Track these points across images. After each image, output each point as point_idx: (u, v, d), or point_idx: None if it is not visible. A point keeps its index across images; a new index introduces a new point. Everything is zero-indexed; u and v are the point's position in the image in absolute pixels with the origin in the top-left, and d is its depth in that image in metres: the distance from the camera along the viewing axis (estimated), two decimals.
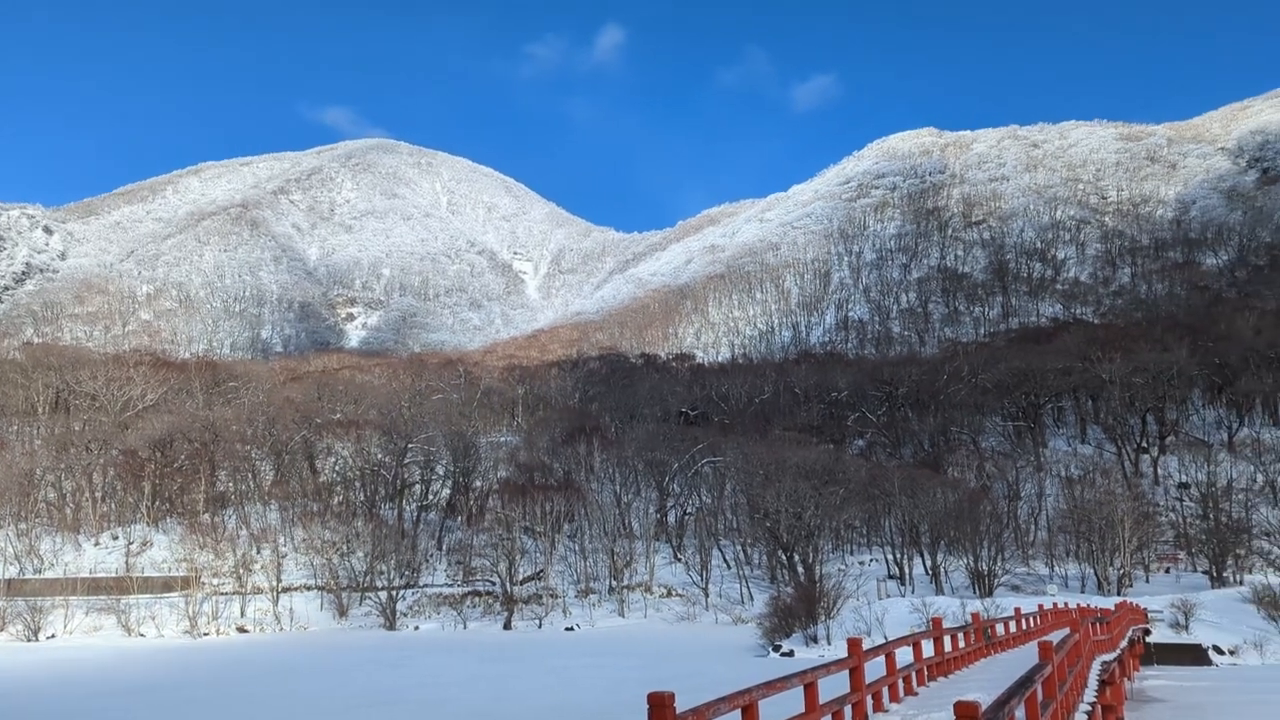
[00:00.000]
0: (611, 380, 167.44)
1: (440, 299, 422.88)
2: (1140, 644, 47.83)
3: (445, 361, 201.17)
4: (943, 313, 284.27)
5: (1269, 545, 75.43)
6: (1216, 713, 33.73)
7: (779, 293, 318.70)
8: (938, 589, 77.76)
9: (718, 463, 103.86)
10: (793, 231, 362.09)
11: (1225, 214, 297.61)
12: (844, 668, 15.29)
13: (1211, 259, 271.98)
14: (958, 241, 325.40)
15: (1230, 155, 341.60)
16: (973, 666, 25.87)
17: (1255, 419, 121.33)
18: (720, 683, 13.57)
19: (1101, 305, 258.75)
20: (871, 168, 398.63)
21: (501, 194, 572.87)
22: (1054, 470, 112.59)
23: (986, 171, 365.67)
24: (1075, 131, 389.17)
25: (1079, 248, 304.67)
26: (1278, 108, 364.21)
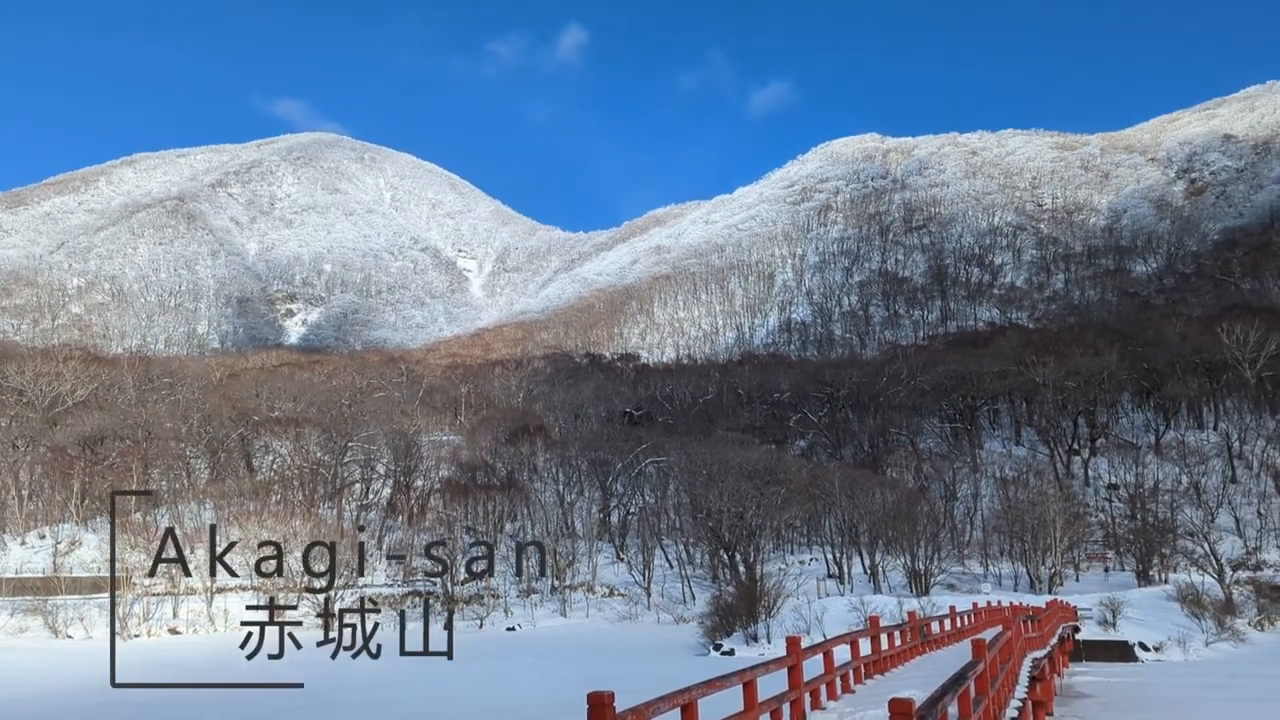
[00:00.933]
0: (556, 380, 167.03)
1: (383, 296, 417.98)
2: (1070, 641, 49.08)
3: (387, 359, 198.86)
4: (883, 315, 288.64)
5: (1192, 545, 77.91)
6: (1141, 707, 34.80)
7: (724, 294, 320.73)
8: (876, 588, 78.99)
9: (661, 463, 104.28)
10: (738, 233, 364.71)
11: (1155, 223, 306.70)
12: (782, 666, 15.52)
13: (1141, 266, 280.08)
14: (899, 246, 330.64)
15: (1160, 166, 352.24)
16: (909, 664, 26.40)
17: (1181, 422, 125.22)
18: (661, 682, 13.68)
19: (1036, 310, 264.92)
20: (815, 171, 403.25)
21: (446, 191, 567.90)
22: (989, 471, 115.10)
23: (928, 177, 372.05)
24: (1013, 140, 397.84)
25: (1015, 253, 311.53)
26: (1205, 120, 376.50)
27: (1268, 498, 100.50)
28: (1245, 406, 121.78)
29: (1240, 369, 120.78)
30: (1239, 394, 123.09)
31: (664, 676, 39.06)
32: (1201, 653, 56.77)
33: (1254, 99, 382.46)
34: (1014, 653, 23.08)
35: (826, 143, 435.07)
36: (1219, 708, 34.64)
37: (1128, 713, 33.05)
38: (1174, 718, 32.77)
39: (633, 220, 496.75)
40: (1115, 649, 55.84)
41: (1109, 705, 35.03)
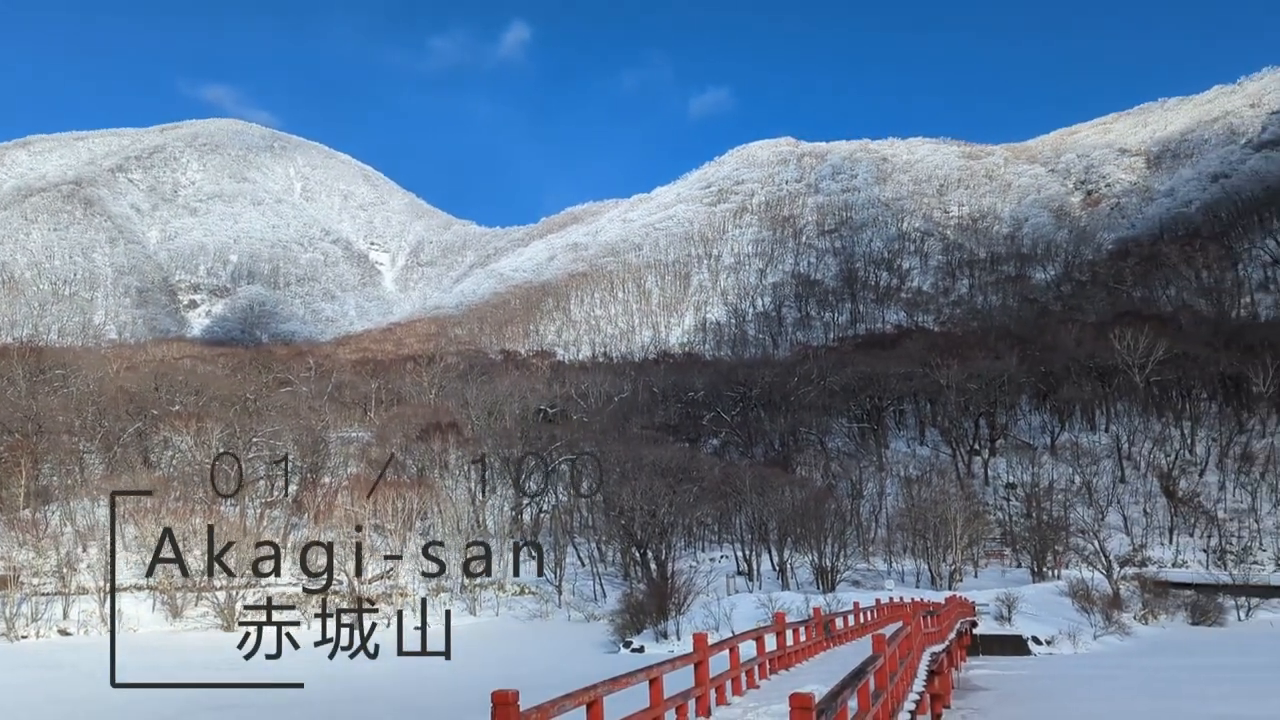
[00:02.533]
0: (470, 376, 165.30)
1: (291, 288, 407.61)
2: (968, 635, 50.69)
3: (295, 353, 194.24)
4: (795, 317, 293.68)
5: (1083, 542, 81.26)
6: (1032, 699, 36.17)
7: (640, 293, 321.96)
8: (784, 584, 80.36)
9: (575, 460, 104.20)
10: (655, 233, 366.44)
11: (1053, 232, 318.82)
12: (689, 662, 15.71)
13: (1040, 274, 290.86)
14: (811, 249, 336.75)
15: (1059, 177, 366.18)
16: (813, 659, 26.97)
17: (1075, 424, 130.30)
18: (571, 679, 13.74)
19: (941, 314, 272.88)
20: (731, 173, 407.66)
21: (359, 182, 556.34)
22: (894, 470, 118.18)
23: (840, 183, 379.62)
24: (922, 148, 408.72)
25: (923, 259, 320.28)
26: (1101, 134, 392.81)
27: (1153, 497, 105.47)
28: (1134, 410, 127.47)
29: (1130, 374, 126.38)
30: (1129, 398, 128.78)
31: (573, 674, 39.09)
32: (1090, 645, 59.25)
33: (1147, 114, 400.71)
34: (913, 648, 23.77)
35: (742, 146, 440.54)
36: (1103, 697, 36.23)
37: (1020, 704, 34.30)
38: (1061, 708, 34.14)
39: (551, 217, 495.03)
40: (1010, 643, 57.86)
41: (1003, 697, 36.31)
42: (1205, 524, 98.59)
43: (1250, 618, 72.36)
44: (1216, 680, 39.52)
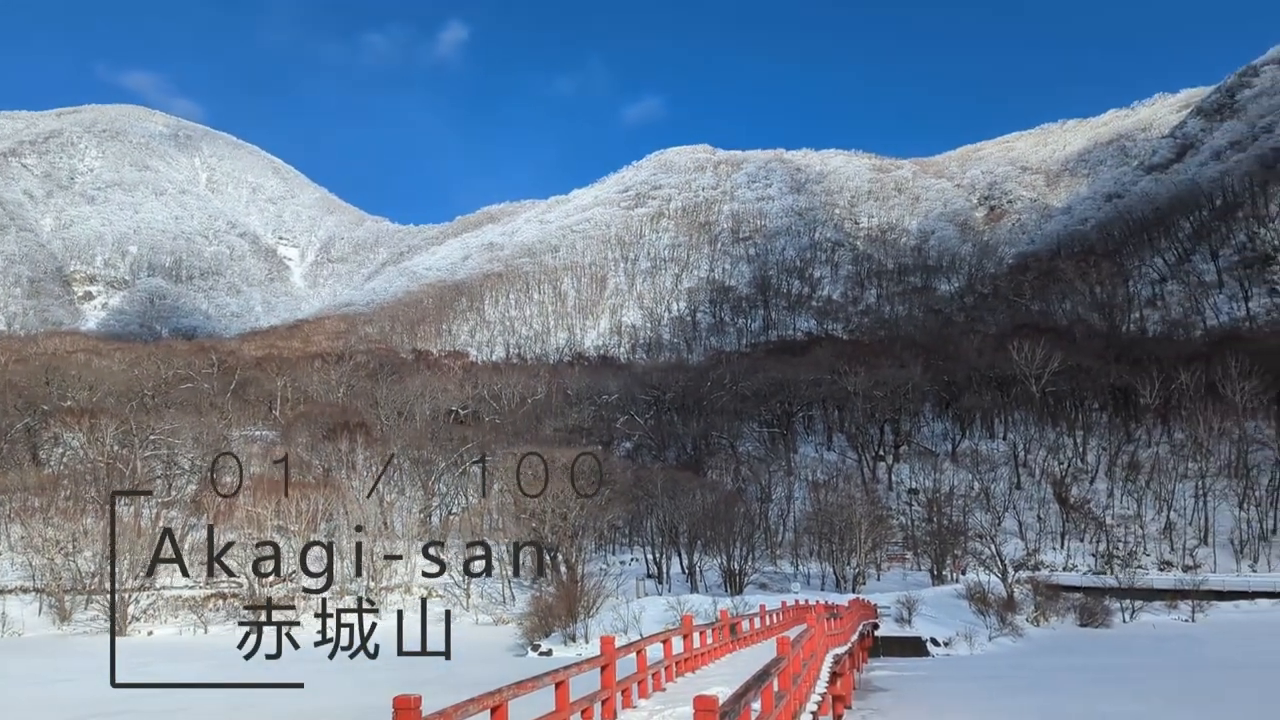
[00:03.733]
0: (380, 375, 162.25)
1: (194, 282, 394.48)
2: (869, 637, 51.91)
3: (197, 349, 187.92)
4: (710, 322, 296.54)
5: (981, 546, 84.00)
6: (930, 699, 37.28)
7: (556, 295, 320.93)
8: (693, 587, 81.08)
9: (487, 462, 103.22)
10: (572, 235, 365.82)
11: (958, 245, 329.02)
12: (596, 665, 15.77)
13: (945, 285, 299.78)
14: (726, 255, 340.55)
15: (965, 192, 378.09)
16: (719, 661, 27.27)
17: (975, 432, 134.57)
18: (476, 683, 13.69)
19: (850, 323, 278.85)
20: (649, 178, 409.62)
21: (268, 175, 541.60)
22: (802, 475, 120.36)
23: (755, 191, 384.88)
24: (835, 159, 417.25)
25: (833, 268, 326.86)
26: (1004, 152, 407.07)
27: (1047, 503, 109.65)
28: (1030, 419, 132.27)
29: (1028, 384, 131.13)
30: (1026, 407, 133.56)
31: (479, 678, 38.73)
32: (985, 647, 61.33)
33: (1047, 135, 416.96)
34: (817, 650, 24.27)
35: (661, 151, 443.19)
36: (995, 696, 37.57)
37: (917, 704, 35.32)
38: (956, 707, 35.27)
39: (466, 216, 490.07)
40: (910, 644, 59.50)
41: (902, 698, 37.32)
42: (1094, 529, 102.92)
43: (1134, 619, 75.83)
44: (1101, 680, 41.33)
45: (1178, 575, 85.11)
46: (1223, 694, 36.74)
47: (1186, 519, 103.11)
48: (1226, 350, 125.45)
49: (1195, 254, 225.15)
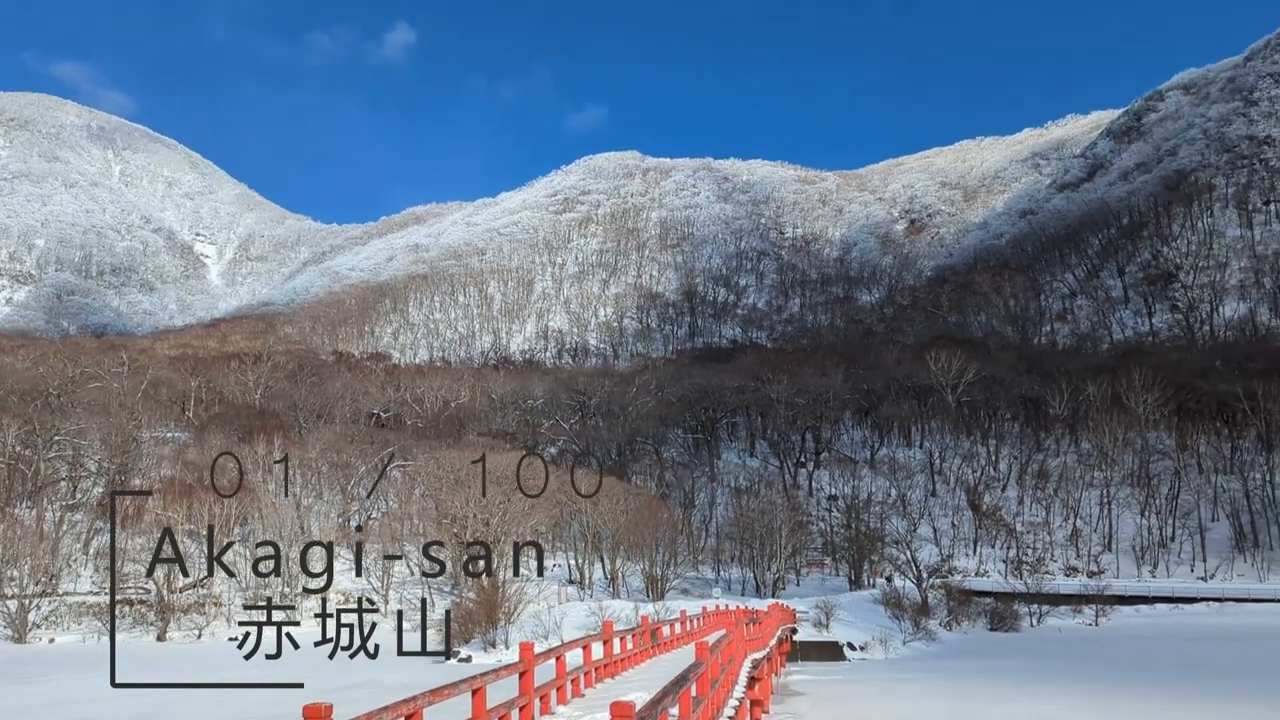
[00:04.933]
0: (299, 377, 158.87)
1: (105, 278, 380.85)
2: (788, 642, 52.59)
3: (107, 346, 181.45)
4: (636, 328, 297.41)
5: (897, 552, 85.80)
6: (846, 702, 37.95)
7: (482, 298, 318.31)
8: (615, 593, 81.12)
9: (407, 466, 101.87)
10: (499, 238, 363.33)
11: (879, 257, 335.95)
12: (514, 672, 15.74)
13: (867, 296, 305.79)
14: (654, 262, 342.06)
15: (886, 205, 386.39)
16: (639, 667, 27.39)
17: (893, 440, 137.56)
18: (392, 691, 13.55)
19: (774, 331, 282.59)
20: (578, 183, 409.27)
21: (186, 169, 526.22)
22: (725, 481, 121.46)
23: (683, 199, 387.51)
24: (761, 169, 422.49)
25: (759, 277, 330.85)
26: (925, 168, 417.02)
27: (960, 510, 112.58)
28: (946, 428, 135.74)
29: (944, 394, 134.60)
30: (942, 416, 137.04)
31: (394, 686, 38.17)
32: (900, 650, 62.62)
33: (965, 152, 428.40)
34: (735, 654, 24.56)
35: (590, 156, 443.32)
36: (909, 699, 38.44)
37: (833, 708, 35.93)
38: (871, 710, 36.00)
39: (391, 216, 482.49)
40: (828, 649, 60.47)
41: (819, 701, 37.92)
42: (1005, 536, 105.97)
43: (1041, 623, 78.32)
44: (1009, 682, 42.61)
45: (1083, 581, 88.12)
46: (1119, 693, 38.20)
47: (1092, 526, 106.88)
48: (1131, 364, 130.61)
49: (1103, 270, 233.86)
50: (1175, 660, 53.32)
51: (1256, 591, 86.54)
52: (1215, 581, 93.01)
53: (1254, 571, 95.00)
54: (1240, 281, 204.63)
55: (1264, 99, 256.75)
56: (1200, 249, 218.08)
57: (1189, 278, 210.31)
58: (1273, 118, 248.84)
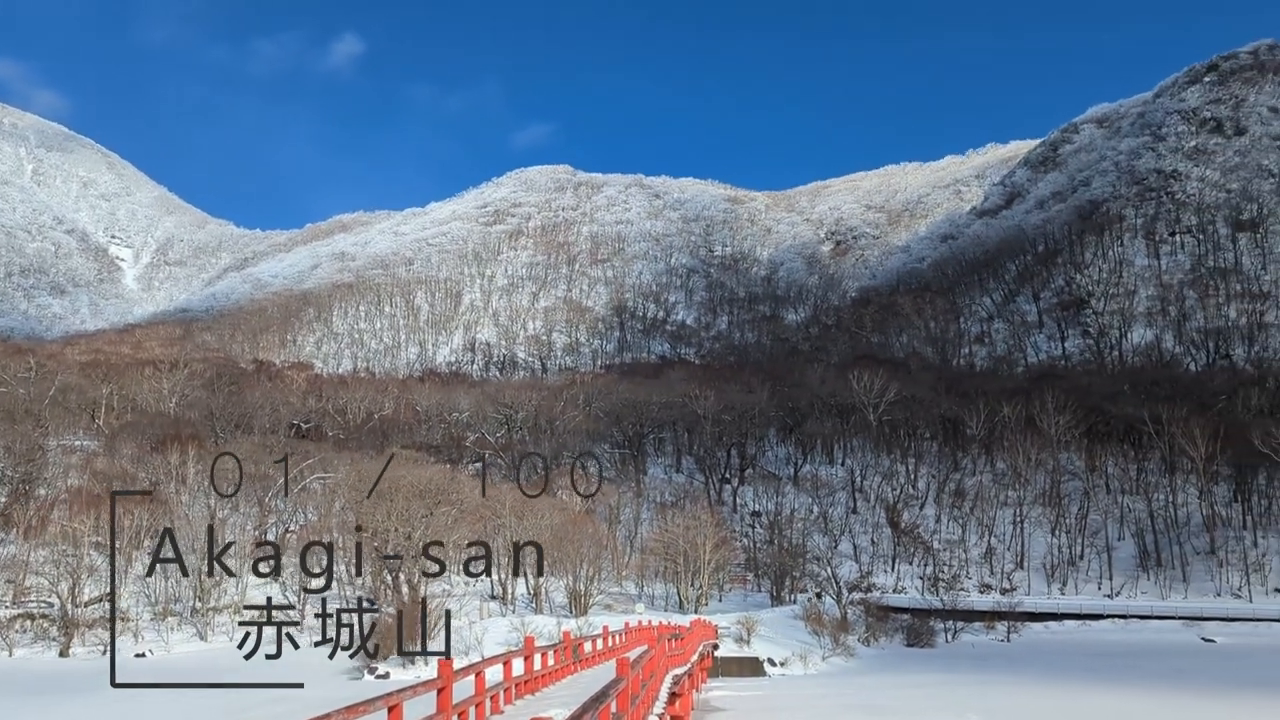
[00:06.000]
0: (217, 386, 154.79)
1: (13, 279, 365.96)
2: (709, 658, 52.92)
3: (14, 350, 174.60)
4: (565, 342, 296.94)
5: (818, 569, 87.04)
6: (764, 716, 38.39)
7: (409, 308, 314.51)
8: (538, 608, 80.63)
9: (328, 479, 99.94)
10: (428, 248, 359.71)
11: (806, 277, 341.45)
12: (431, 688, 15.65)
13: (793, 315, 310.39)
14: (584, 276, 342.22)
15: (813, 226, 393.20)
16: (560, 683, 27.37)
17: (816, 457, 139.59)
18: (307, 708, 13.37)
19: (702, 348, 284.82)
20: (509, 195, 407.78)
21: (102, 169, 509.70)
22: (651, 496, 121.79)
23: (614, 214, 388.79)
24: (692, 187, 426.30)
25: (688, 294, 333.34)
26: (850, 191, 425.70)
27: (880, 527, 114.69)
28: (868, 446, 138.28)
29: (866, 412, 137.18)
30: (863, 434, 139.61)
31: (310, 703, 37.37)
32: (819, 666, 63.52)
33: (890, 176, 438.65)
34: (656, 670, 24.70)
35: (521, 169, 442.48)
36: (824, 714, 39.03)
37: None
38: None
39: (317, 224, 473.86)
40: (748, 664, 61.03)
41: (739, 716, 38.30)
42: (923, 553, 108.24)
43: (956, 639, 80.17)
44: (923, 697, 43.55)
45: (996, 597, 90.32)
46: (1030, 706, 39.38)
47: (1005, 544, 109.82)
48: (1044, 386, 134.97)
49: (1020, 295, 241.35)
50: (1082, 675, 55.08)
51: (1159, 609, 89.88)
52: (1121, 599, 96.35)
53: (1157, 589, 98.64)
54: (1147, 309, 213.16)
55: (1171, 134, 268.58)
56: (1110, 277, 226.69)
57: (1100, 304, 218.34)
58: (1179, 153, 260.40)
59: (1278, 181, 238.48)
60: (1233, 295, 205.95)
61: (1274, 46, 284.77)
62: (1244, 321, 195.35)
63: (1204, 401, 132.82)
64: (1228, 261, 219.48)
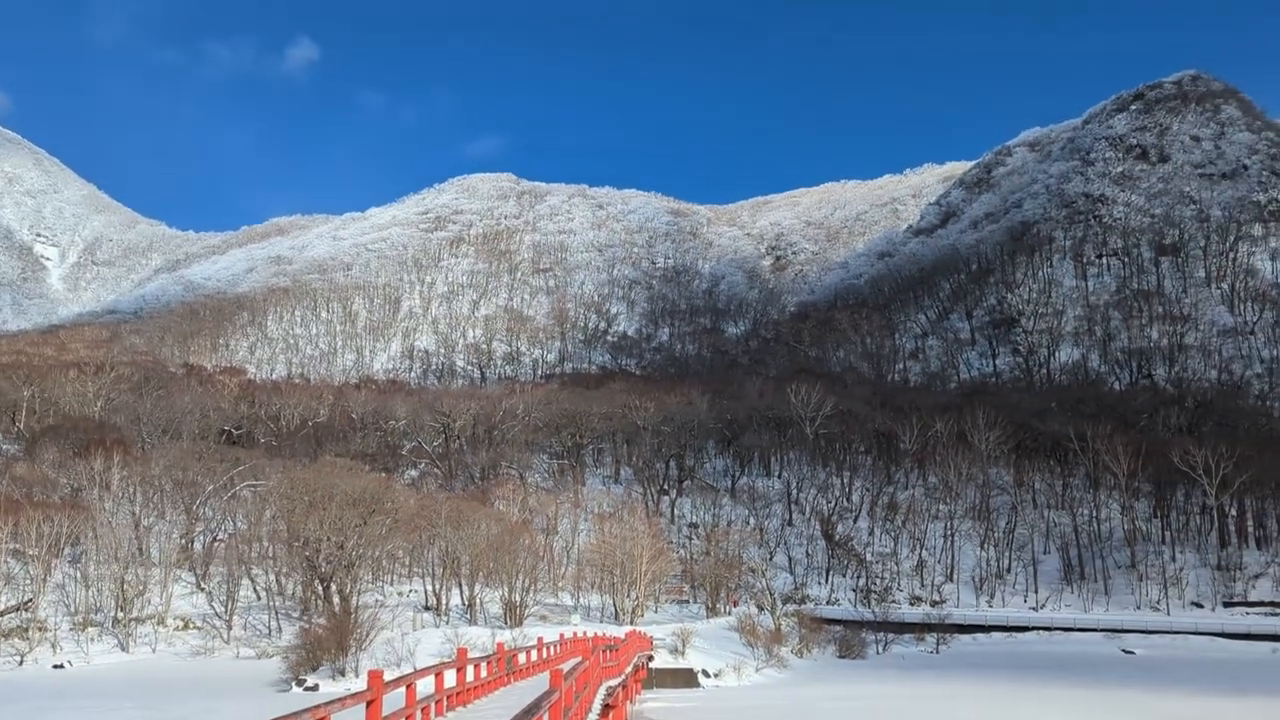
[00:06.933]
0: (145, 389, 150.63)
1: None
2: (644, 669, 52.98)
3: None
4: (505, 351, 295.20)
5: (753, 580, 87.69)
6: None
7: (346, 314, 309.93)
8: (472, 619, 79.85)
9: (259, 486, 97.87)
10: (367, 254, 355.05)
11: (746, 290, 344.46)
12: (360, 700, 15.46)
13: (733, 328, 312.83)
14: (525, 285, 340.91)
15: (754, 241, 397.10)
16: (492, 695, 27.21)
17: (753, 469, 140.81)
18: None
19: (644, 359, 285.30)
20: (451, 202, 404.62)
21: (29, 166, 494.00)
22: (590, 507, 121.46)
23: (557, 224, 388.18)
24: (635, 199, 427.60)
25: (630, 305, 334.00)
26: (791, 206, 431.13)
27: (815, 540, 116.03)
28: (804, 459, 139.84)
29: (803, 426, 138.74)
30: (800, 447, 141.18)
31: (236, 716, 36.74)
32: (753, 677, 63.95)
33: (830, 193, 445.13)
34: (590, 681, 24.72)
35: (464, 176, 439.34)
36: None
37: None
38: None
39: (253, 226, 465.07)
40: (682, 675, 61.15)
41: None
42: (856, 565, 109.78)
43: (886, 651, 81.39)
44: (852, 709, 44.13)
45: (926, 610, 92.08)
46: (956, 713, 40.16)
47: (936, 557, 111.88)
48: (975, 403, 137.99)
49: (953, 313, 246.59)
50: (1009, 687, 56.29)
51: (1081, 621, 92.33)
52: (1046, 611, 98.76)
53: (1080, 602, 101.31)
54: (1075, 329, 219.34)
55: (1099, 160, 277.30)
56: (1040, 297, 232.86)
57: (1029, 323, 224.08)
58: (1107, 178, 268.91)
59: (1198, 208, 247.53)
60: (1155, 317, 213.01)
61: (1197, 78, 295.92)
62: (1165, 343, 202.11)
63: (1127, 420, 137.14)
64: (1151, 284, 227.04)
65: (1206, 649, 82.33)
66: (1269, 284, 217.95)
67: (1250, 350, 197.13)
